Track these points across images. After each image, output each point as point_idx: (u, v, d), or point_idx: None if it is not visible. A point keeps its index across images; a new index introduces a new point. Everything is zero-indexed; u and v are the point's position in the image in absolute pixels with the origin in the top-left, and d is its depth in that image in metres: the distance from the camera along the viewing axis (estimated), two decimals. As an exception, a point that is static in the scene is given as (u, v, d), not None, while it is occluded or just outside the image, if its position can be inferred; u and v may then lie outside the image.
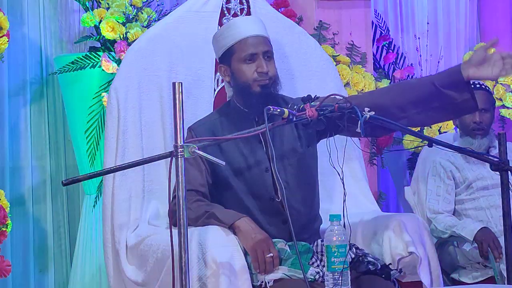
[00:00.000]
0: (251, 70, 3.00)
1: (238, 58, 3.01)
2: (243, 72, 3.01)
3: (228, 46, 3.03)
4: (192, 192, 2.96)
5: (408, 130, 2.94)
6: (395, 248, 3.03)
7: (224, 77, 3.09)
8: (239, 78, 3.02)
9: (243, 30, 3.03)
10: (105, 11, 3.98)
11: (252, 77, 3.00)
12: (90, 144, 3.93)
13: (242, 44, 3.01)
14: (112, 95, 3.28)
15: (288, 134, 3.09)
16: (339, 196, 3.33)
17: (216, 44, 3.10)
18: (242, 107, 3.08)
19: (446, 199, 4.00)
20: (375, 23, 5.07)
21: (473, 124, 3.96)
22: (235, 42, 3.02)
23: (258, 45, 3.02)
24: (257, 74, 3.00)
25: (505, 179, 2.96)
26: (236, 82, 3.04)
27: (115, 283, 3.20)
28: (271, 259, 2.80)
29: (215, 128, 3.07)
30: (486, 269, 3.84)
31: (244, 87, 3.02)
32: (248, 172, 3.02)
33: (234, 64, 3.03)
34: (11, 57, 4.06)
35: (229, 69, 3.05)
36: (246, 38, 3.02)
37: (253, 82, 3.00)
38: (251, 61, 3.01)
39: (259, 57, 3.01)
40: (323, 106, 2.83)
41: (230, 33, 3.03)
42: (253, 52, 3.00)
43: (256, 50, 3.01)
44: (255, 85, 3.00)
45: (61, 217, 4.22)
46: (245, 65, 3.01)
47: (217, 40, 3.08)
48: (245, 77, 3.01)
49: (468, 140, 3.98)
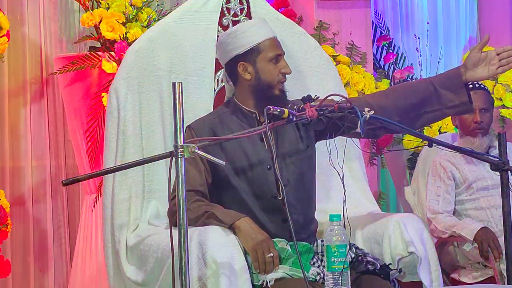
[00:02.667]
0: (276, 70, 3.03)
1: (265, 57, 3.02)
2: (269, 72, 3.03)
3: (254, 44, 3.03)
4: (191, 192, 2.96)
5: (408, 130, 2.95)
6: (395, 248, 3.03)
7: (244, 74, 3.05)
8: (263, 77, 3.03)
9: (266, 30, 3.06)
10: (105, 11, 3.98)
11: (277, 78, 3.03)
12: (90, 144, 3.93)
13: (268, 44, 3.04)
14: (112, 95, 3.28)
15: (290, 133, 3.10)
16: (338, 196, 3.33)
17: (235, 42, 3.05)
18: (244, 107, 3.08)
19: (446, 199, 4.00)
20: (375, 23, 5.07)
21: (474, 124, 3.97)
22: (261, 41, 3.03)
23: (280, 47, 3.07)
24: (282, 75, 3.03)
25: (505, 179, 2.96)
26: (260, 82, 3.04)
27: (115, 283, 3.20)
28: (271, 259, 2.80)
29: (215, 127, 3.07)
30: (486, 269, 3.84)
31: (267, 86, 3.03)
32: (250, 170, 3.02)
33: (260, 63, 3.03)
34: (11, 57, 4.06)
35: (253, 67, 3.04)
36: (272, 38, 3.06)
37: (276, 83, 3.03)
38: (276, 61, 3.03)
39: (283, 58, 3.05)
40: (323, 106, 2.83)
41: (254, 32, 3.04)
42: (279, 53, 3.04)
43: (281, 51, 3.06)
44: (277, 86, 3.03)
45: (61, 217, 4.22)
46: (272, 65, 3.03)
47: (238, 37, 3.05)
48: (271, 77, 3.03)
49: (469, 139, 3.98)
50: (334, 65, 3.83)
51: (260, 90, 3.04)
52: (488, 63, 2.97)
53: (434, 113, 3.04)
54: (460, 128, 4.07)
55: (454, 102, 2.99)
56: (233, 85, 3.12)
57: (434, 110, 3.03)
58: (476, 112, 3.96)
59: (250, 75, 3.05)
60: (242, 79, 3.06)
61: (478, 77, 2.99)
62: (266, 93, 3.02)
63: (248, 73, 3.05)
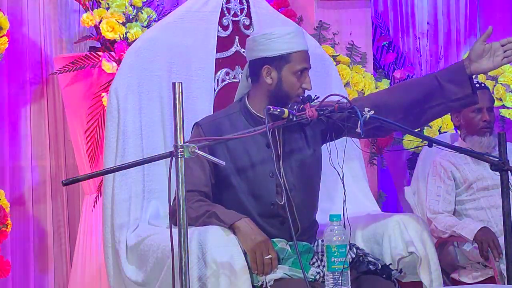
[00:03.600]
0: (298, 83, 3.00)
1: (292, 68, 2.99)
2: (292, 84, 2.99)
3: (286, 52, 2.99)
4: (194, 192, 2.95)
5: (408, 130, 2.95)
6: (395, 248, 3.03)
7: (266, 78, 3.02)
8: (285, 87, 3.00)
9: (301, 41, 3.02)
10: (105, 11, 3.98)
11: (297, 92, 3.00)
12: (90, 144, 3.93)
13: (299, 56, 3.00)
14: (112, 95, 3.28)
15: (296, 138, 3.08)
16: (339, 196, 3.33)
17: (269, 44, 3.01)
18: (254, 110, 3.06)
19: (446, 199, 4.00)
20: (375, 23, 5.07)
21: (482, 123, 3.98)
22: (294, 51, 2.99)
23: (308, 61, 3.03)
24: (302, 90, 3.00)
25: (505, 179, 2.96)
26: (279, 89, 3.01)
27: (115, 283, 3.20)
28: (269, 261, 2.80)
29: (222, 126, 3.06)
30: (486, 269, 3.84)
31: (284, 96, 3.00)
32: (252, 174, 3.02)
33: (286, 72, 2.99)
34: (11, 57, 4.06)
35: (277, 73, 3.01)
36: (303, 51, 3.02)
37: (295, 96, 3.00)
38: (301, 75, 3.00)
39: (307, 73, 3.02)
40: (323, 106, 2.83)
41: (290, 40, 3.00)
42: (306, 67, 3.01)
43: (308, 66, 3.02)
44: (294, 99, 2.99)
45: (61, 217, 4.22)
46: (296, 77, 2.99)
47: (273, 40, 3.00)
48: (292, 89, 2.99)
49: (476, 139, 3.98)
50: (334, 65, 3.83)
51: (277, 97, 3.01)
52: (493, 54, 2.96)
53: (439, 107, 3.03)
54: (465, 128, 4.05)
55: (458, 95, 2.99)
56: (251, 83, 3.10)
57: (438, 104, 3.02)
58: (484, 111, 3.97)
59: (272, 80, 3.02)
60: (263, 81, 3.03)
61: (483, 68, 2.98)
62: (281, 101, 2.99)
63: (270, 78, 3.02)
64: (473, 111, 3.96)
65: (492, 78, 5.00)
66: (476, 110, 3.96)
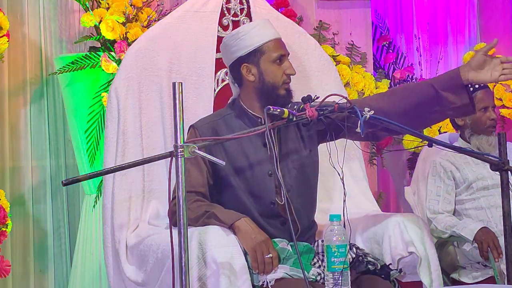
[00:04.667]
0: (280, 71, 3.01)
1: (268, 58, 3.01)
2: (273, 73, 3.01)
3: (257, 45, 3.01)
4: (192, 193, 2.95)
5: (408, 130, 2.95)
6: (395, 248, 3.03)
7: (248, 76, 3.04)
8: (267, 79, 3.01)
9: (270, 31, 3.05)
10: (105, 11, 3.98)
11: (282, 79, 3.01)
12: (90, 144, 3.93)
13: (271, 45, 3.02)
14: (112, 95, 3.28)
15: (293, 138, 3.09)
16: (339, 196, 3.33)
17: (238, 43, 3.04)
18: (248, 109, 3.07)
19: (446, 199, 4.00)
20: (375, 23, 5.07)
21: (489, 122, 3.99)
22: (264, 42, 3.02)
23: (284, 48, 3.06)
24: (286, 76, 3.02)
25: (505, 179, 2.96)
26: (264, 83, 3.02)
27: (115, 283, 3.20)
28: (270, 260, 2.80)
29: (218, 128, 3.06)
30: (486, 269, 3.84)
31: (272, 88, 3.01)
32: (250, 174, 3.02)
33: (264, 64, 3.02)
34: (11, 57, 4.05)
35: (256, 69, 3.03)
36: (275, 39, 3.04)
37: (281, 84, 3.01)
38: (280, 62, 3.02)
39: (287, 59, 3.04)
40: (323, 106, 2.83)
41: (256, 33, 3.02)
42: (283, 53, 3.03)
43: (284, 52, 3.04)
44: (282, 88, 3.01)
45: (61, 217, 4.22)
46: (275, 66, 3.01)
47: (241, 39, 3.03)
48: (275, 78, 3.01)
49: (483, 138, 3.98)
50: (334, 65, 3.83)
51: (265, 91, 3.02)
52: (492, 68, 2.97)
53: (435, 115, 3.03)
54: (471, 128, 4.04)
55: (456, 104, 2.98)
56: (238, 87, 3.11)
57: (435, 112, 3.02)
58: (490, 110, 3.99)
59: (254, 76, 3.03)
60: (246, 80, 3.05)
61: (480, 79, 2.98)
62: (271, 94, 3.01)
63: (251, 75, 3.04)
64: (479, 110, 3.97)
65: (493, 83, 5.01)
66: (482, 110, 3.98)
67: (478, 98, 3.98)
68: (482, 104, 3.98)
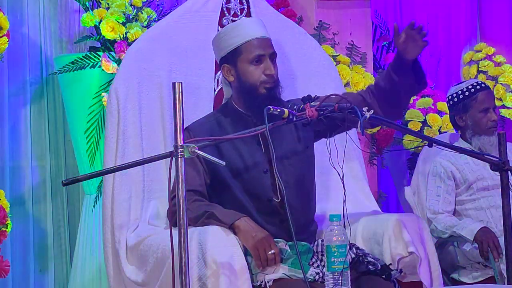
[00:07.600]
0: (258, 72, 2.99)
1: (245, 59, 2.99)
2: (250, 74, 2.99)
3: (235, 46, 3.00)
4: (190, 192, 2.95)
5: (408, 130, 2.95)
6: (395, 248, 3.03)
7: (228, 77, 3.05)
8: (245, 80, 3.00)
9: (250, 31, 3.01)
10: (105, 11, 3.98)
11: (260, 79, 2.98)
12: (90, 144, 3.93)
13: (249, 45, 2.99)
14: (112, 95, 3.28)
15: (288, 135, 3.09)
16: (338, 196, 3.33)
17: (220, 44, 3.05)
18: (240, 109, 3.07)
19: (446, 199, 4.00)
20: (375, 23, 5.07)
21: (491, 122, 3.99)
22: (242, 42, 2.99)
23: (265, 47, 3.01)
24: (265, 76, 2.99)
25: (505, 179, 2.96)
26: (242, 84, 3.01)
27: (115, 283, 3.20)
28: (273, 256, 2.81)
29: (212, 129, 3.06)
30: (486, 269, 3.84)
31: (250, 89, 3.00)
32: (246, 173, 3.02)
33: (241, 65, 3.00)
34: (11, 57, 4.06)
35: (235, 69, 3.02)
36: (253, 39, 3.00)
37: (260, 84, 2.99)
38: (258, 62, 2.99)
39: (266, 59, 3.00)
40: (323, 106, 2.83)
41: (236, 34, 3.00)
42: (261, 53, 2.99)
43: (264, 51, 3.00)
44: (261, 88, 2.99)
45: (61, 217, 4.22)
46: (253, 66, 2.99)
47: (222, 39, 3.04)
48: (252, 79, 2.99)
49: (485, 138, 3.98)
50: (334, 65, 3.83)
51: (245, 92, 3.02)
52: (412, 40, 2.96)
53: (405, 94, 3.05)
54: (472, 129, 4.04)
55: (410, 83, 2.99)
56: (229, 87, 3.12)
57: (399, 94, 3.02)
58: (491, 111, 3.99)
59: (233, 77, 3.03)
60: (230, 80, 3.06)
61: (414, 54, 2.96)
62: (251, 94, 2.99)
63: (231, 76, 3.04)
64: (480, 111, 3.97)
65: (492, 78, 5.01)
66: (484, 110, 3.98)
67: (480, 99, 3.98)
68: (483, 105, 3.98)
